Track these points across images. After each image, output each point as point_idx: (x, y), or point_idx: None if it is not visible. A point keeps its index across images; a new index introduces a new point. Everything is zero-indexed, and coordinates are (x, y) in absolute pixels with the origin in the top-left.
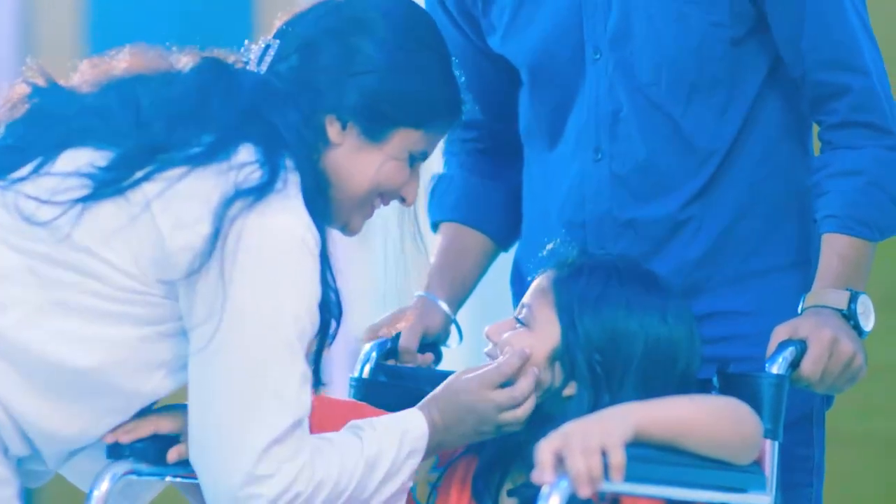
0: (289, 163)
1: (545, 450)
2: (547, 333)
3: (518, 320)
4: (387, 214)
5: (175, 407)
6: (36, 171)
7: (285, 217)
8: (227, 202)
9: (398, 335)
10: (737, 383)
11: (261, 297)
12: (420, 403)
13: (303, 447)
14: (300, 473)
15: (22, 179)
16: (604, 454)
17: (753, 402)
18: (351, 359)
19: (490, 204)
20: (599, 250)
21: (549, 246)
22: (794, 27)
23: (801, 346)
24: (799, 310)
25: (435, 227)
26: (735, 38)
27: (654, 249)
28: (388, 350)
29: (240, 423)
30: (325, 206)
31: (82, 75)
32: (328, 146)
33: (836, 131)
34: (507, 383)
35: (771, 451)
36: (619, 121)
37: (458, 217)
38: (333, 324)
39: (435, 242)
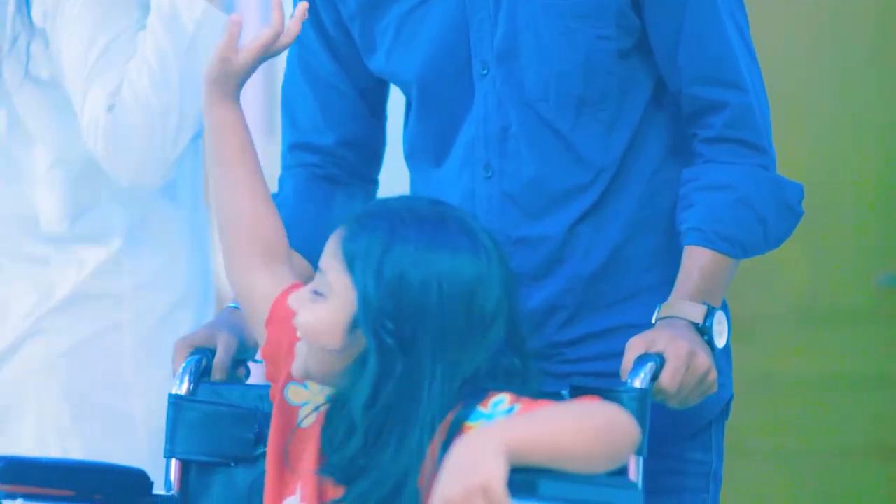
0: None
1: None
2: (343, 300)
3: (315, 291)
4: None
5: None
6: None
7: None
8: None
9: (212, 350)
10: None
11: None
12: None
13: None
14: None
15: None
16: None
17: None
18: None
19: (318, 231)
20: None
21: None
22: (670, 41)
23: (661, 360)
24: (653, 319)
25: None
26: (622, 51)
27: (547, 266)
28: (205, 367)
29: None
30: None
31: None
32: None
33: (709, 145)
34: None
35: (636, 467)
36: (508, 137)
37: None
38: None
39: None
